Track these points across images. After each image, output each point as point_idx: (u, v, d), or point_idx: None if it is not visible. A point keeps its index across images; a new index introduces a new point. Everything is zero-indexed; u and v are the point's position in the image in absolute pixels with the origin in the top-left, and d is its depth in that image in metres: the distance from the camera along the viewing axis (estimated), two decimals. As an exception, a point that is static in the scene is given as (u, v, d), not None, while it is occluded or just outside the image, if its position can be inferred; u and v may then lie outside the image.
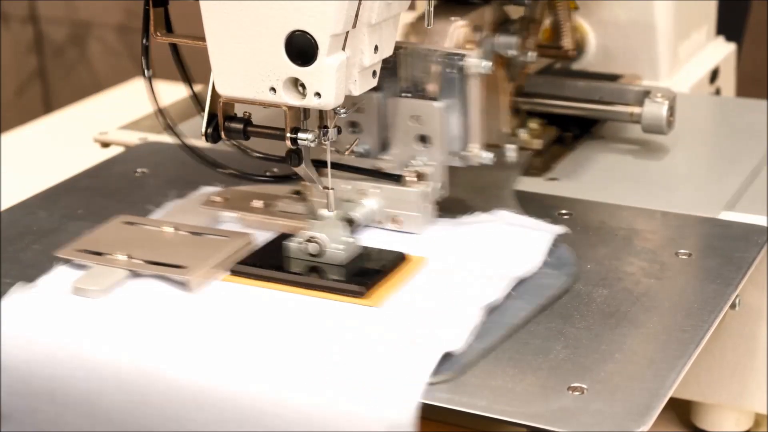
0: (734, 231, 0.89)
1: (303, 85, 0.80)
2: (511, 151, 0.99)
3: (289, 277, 0.82)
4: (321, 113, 0.84)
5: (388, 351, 0.74)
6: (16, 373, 0.77)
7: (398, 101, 0.90)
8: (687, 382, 0.95)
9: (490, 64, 0.88)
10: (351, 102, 0.85)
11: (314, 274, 0.82)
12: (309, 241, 0.83)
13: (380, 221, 0.89)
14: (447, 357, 0.73)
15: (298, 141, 0.83)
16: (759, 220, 0.90)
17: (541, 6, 1.01)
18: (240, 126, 0.86)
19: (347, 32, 0.79)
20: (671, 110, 1.03)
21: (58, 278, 0.83)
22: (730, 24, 1.37)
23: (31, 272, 0.86)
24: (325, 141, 0.84)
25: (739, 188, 0.96)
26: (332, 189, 0.88)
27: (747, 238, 0.87)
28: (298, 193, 0.92)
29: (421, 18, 0.93)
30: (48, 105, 2.56)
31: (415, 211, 0.88)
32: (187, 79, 0.93)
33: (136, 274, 0.82)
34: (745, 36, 1.48)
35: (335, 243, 0.83)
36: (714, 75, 1.25)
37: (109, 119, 1.22)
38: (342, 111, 0.83)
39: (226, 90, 0.82)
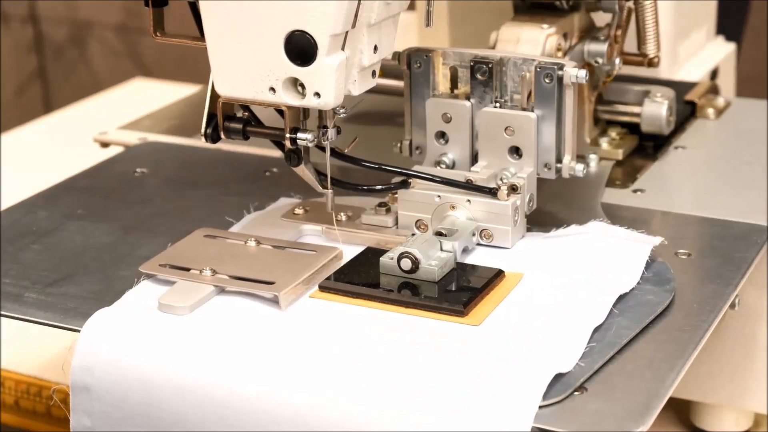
0: (734, 231, 0.89)
1: (302, 85, 0.80)
2: (593, 162, 0.98)
3: (382, 294, 0.80)
4: (320, 113, 0.84)
5: (494, 372, 0.71)
6: (108, 396, 0.75)
7: (491, 112, 0.88)
8: (686, 382, 0.95)
9: (586, 73, 0.86)
10: (352, 102, 0.85)
11: (408, 291, 0.80)
12: (402, 256, 0.81)
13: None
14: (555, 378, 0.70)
15: (298, 141, 0.83)
16: (759, 219, 0.90)
17: (627, 11, 0.99)
18: (239, 126, 0.86)
19: (347, 32, 0.79)
20: (671, 110, 1.03)
21: (143, 294, 0.81)
22: (730, 24, 1.37)
23: (30, 272, 0.86)
24: (324, 141, 0.84)
25: (739, 188, 0.96)
26: (332, 190, 0.88)
27: (746, 238, 0.87)
28: (383, 204, 0.89)
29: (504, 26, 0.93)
30: (48, 105, 2.56)
31: (506, 224, 0.85)
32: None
33: (222, 290, 0.80)
34: (744, 36, 1.48)
35: (429, 259, 0.81)
36: (714, 75, 1.25)
37: (109, 119, 1.22)
38: (341, 111, 0.83)
39: (225, 90, 0.82)
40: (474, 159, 0.90)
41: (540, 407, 0.68)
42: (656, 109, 1.03)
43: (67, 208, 0.96)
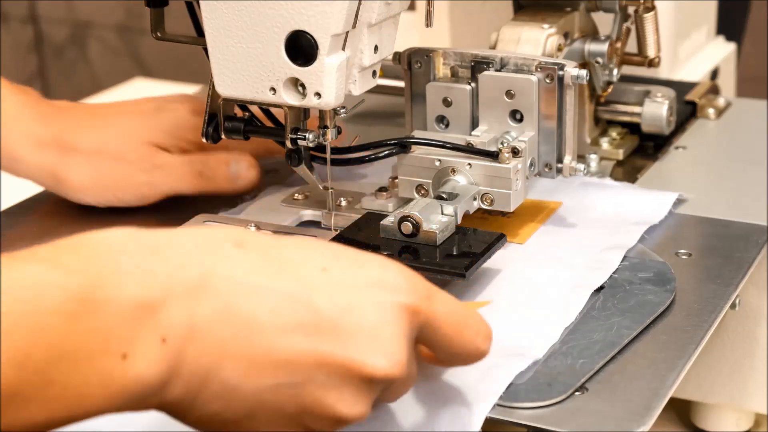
0: (734, 231, 0.89)
1: (303, 85, 0.80)
2: (594, 162, 0.99)
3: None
4: (321, 113, 0.84)
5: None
6: None
7: (491, 76, 0.87)
8: (687, 382, 0.95)
9: (587, 73, 0.86)
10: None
11: (409, 255, 0.79)
12: (403, 220, 0.80)
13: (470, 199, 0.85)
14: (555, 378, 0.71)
15: (298, 141, 0.83)
16: (759, 219, 0.90)
17: (625, 30, 0.99)
18: (240, 126, 0.86)
19: (347, 32, 0.79)
20: (671, 110, 1.03)
21: None
22: (730, 24, 1.37)
23: (31, 272, 0.85)
24: (324, 141, 0.84)
25: (739, 188, 0.96)
26: (332, 189, 0.88)
27: (747, 238, 0.87)
28: (383, 189, 0.89)
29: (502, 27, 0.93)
30: (48, 105, 2.56)
31: (507, 188, 0.84)
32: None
33: None
34: (745, 36, 1.48)
35: (430, 222, 0.81)
36: (714, 75, 1.25)
37: (109, 119, 1.22)
38: (342, 111, 0.83)
39: (226, 90, 0.82)
40: (475, 124, 0.90)
41: (540, 407, 0.68)
42: (657, 109, 1.03)
43: (67, 209, 0.96)
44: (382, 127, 1.09)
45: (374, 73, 0.84)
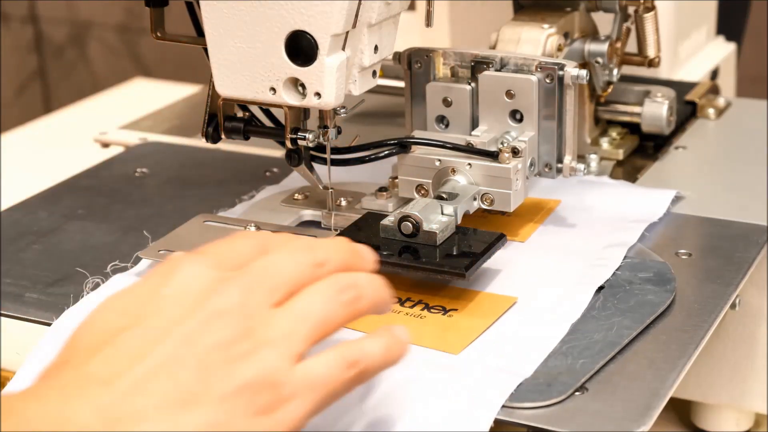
0: (734, 231, 0.89)
1: (303, 85, 0.80)
2: (594, 162, 0.99)
3: (383, 257, 0.79)
4: (321, 113, 0.84)
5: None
6: None
7: (491, 76, 0.87)
8: (687, 382, 0.95)
9: (587, 73, 0.86)
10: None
11: (409, 255, 0.79)
12: (403, 219, 0.81)
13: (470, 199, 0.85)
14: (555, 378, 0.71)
15: (298, 141, 0.83)
16: (759, 219, 0.90)
17: (626, 30, 0.99)
18: (239, 126, 0.86)
19: (347, 32, 0.79)
20: (671, 110, 1.03)
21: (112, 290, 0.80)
22: (730, 24, 1.37)
23: (31, 272, 0.86)
24: (324, 141, 0.84)
25: (739, 188, 0.96)
26: (332, 189, 0.88)
27: (747, 238, 0.87)
28: (383, 189, 0.89)
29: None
30: (48, 105, 2.56)
31: (507, 188, 0.84)
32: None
33: None
34: (745, 36, 1.48)
35: (430, 222, 0.81)
36: (714, 75, 1.25)
37: (109, 119, 1.22)
38: (342, 111, 0.83)
39: (225, 90, 0.82)
40: (475, 124, 0.90)
41: (540, 407, 0.68)
42: (657, 109, 1.03)
43: (67, 208, 0.96)
44: (382, 127, 1.09)
45: (374, 73, 0.84)
